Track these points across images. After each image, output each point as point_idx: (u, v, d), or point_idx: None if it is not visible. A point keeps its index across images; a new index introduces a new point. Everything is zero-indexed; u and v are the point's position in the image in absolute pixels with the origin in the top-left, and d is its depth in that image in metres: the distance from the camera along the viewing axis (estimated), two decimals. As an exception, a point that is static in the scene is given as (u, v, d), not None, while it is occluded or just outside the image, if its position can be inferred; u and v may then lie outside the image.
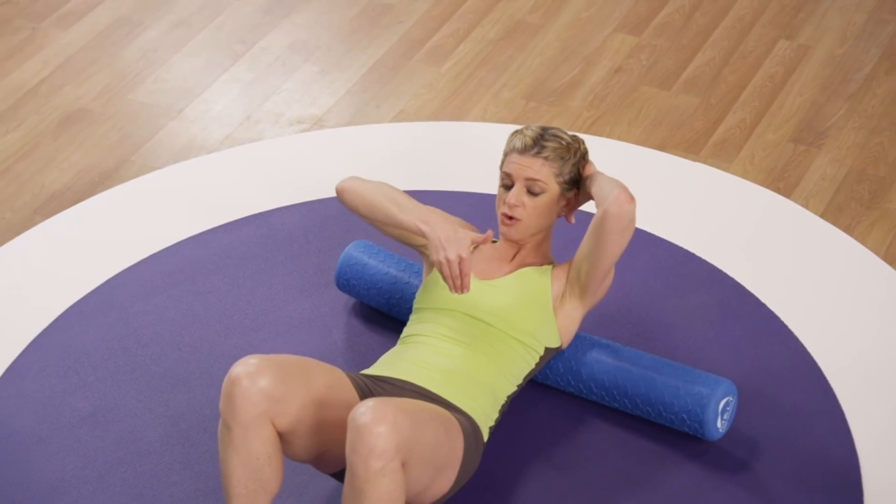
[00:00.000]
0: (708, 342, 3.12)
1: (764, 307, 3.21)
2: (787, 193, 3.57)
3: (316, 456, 2.65)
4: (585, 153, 2.90)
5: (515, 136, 2.90)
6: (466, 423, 2.71)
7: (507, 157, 2.90)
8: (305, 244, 3.42)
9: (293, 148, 3.73)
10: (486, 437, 2.78)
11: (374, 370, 2.81)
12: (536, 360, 2.88)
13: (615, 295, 3.24)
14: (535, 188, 2.86)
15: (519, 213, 2.86)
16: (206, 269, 3.36)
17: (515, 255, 2.94)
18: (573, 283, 2.89)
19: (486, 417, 2.78)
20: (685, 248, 3.38)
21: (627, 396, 2.91)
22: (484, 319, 2.84)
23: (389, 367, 2.80)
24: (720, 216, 3.47)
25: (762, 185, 3.59)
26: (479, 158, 3.65)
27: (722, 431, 2.89)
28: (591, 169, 2.90)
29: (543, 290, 2.88)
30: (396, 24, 4.20)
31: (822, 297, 3.25)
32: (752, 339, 3.13)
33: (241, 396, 2.52)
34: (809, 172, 3.64)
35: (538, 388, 3.04)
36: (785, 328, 3.16)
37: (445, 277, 2.75)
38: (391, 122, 3.84)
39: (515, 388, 2.86)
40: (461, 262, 2.74)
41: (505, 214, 2.88)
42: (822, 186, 3.59)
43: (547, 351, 2.89)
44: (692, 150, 3.72)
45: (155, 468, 2.89)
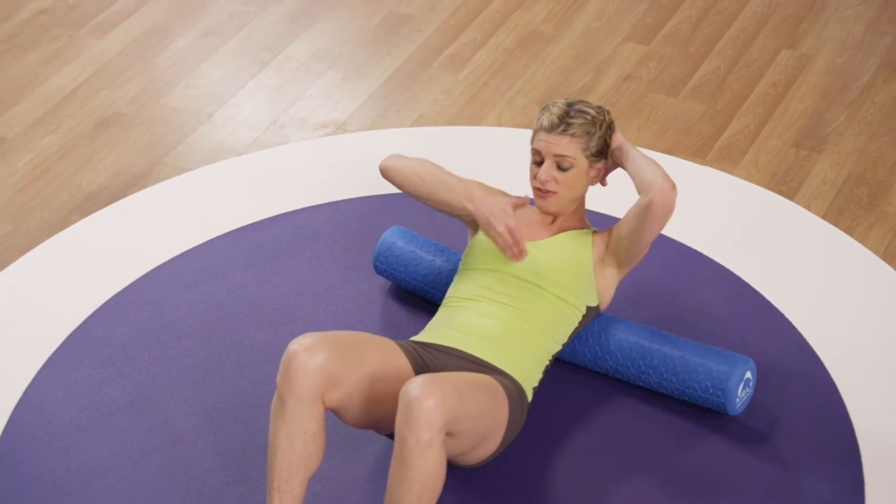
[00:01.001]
0: (716, 336, 3.13)
1: (768, 303, 3.22)
2: (789, 196, 3.58)
3: (373, 424, 2.71)
4: (611, 124, 2.92)
5: (543, 113, 2.91)
6: (512, 386, 2.74)
7: (535, 134, 2.92)
8: (331, 242, 3.43)
9: (318, 151, 3.74)
10: (530, 397, 2.82)
11: (423, 336, 2.84)
12: (579, 318, 2.90)
13: (628, 291, 3.25)
14: (563, 164, 2.89)
15: (551, 186, 2.90)
16: (236, 265, 3.38)
17: (554, 220, 2.97)
18: (612, 253, 2.92)
19: (530, 379, 2.81)
20: (694, 247, 3.39)
21: (654, 369, 2.92)
22: (528, 279, 2.86)
23: (438, 333, 2.83)
24: (727, 217, 3.48)
25: (766, 187, 3.60)
26: (494, 161, 3.67)
27: (739, 407, 2.91)
28: (618, 139, 2.92)
29: (584, 252, 2.92)
30: (415, 33, 4.21)
31: (823, 293, 3.26)
32: (757, 333, 3.14)
33: (298, 371, 2.55)
34: (811, 176, 3.65)
35: (568, 368, 3.06)
36: (788, 323, 3.17)
37: (503, 248, 2.80)
38: (411, 126, 3.85)
39: (560, 346, 2.88)
40: (511, 231, 2.78)
41: (538, 189, 2.91)
42: (823, 190, 3.60)
43: (588, 310, 2.92)
44: (699, 154, 3.73)
45: (188, 455, 2.91)
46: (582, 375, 3.05)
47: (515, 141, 3.74)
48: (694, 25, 4.20)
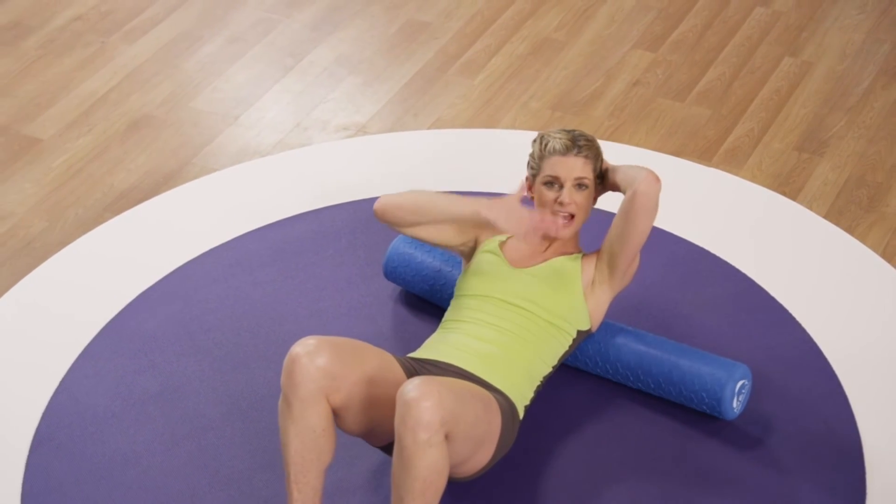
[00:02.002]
0: (721, 331, 3.13)
1: (772, 299, 3.22)
2: (792, 197, 3.58)
3: (367, 430, 2.68)
4: (600, 148, 2.95)
5: (548, 140, 2.89)
6: (504, 402, 2.72)
7: (546, 160, 2.89)
8: (353, 240, 3.44)
9: (339, 152, 3.75)
10: (521, 414, 2.79)
11: (419, 353, 2.83)
12: (569, 342, 2.89)
13: (636, 287, 3.25)
14: (583, 184, 2.89)
15: (573, 209, 2.88)
16: (262, 261, 3.38)
17: (549, 246, 2.96)
18: (602, 268, 2.90)
19: (522, 397, 2.79)
20: (700, 245, 3.39)
21: (651, 377, 2.93)
22: (520, 305, 2.85)
23: (433, 350, 2.81)
24: (731, 216, 3.48)
25: (769, 189, 3.60)
26: (509, 163, 3.67)
27: (737, 411, 2.90)
28: (607, 163, 2.93)
29: (574, 276, 2.89)
30: (433, 40, 4.21)
31: (825, 290, 3.26)
32: (761, 328, 3.14)
33: (300, 373, 2.55)
34: (812, 178, 3.65)
35: (570, 371, 3.06)
36: (792, 318, 3.17)
37: (545, 234, 2.81)
38: (428, 129, 3.86)
39: (550, 368, 2.87)
40: (537, 226, 2.75)
41: (560, 214, 2.88)
42: (824, 191, 3.60)
43: (579, 333, 2.90)
44: (705, 156, 3.73)
45: (217, 442, 2.92)
46: (582, 379, 3.04)
47: (529, 143, 3.74)
48: (700, 34, 4.20)
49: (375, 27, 4.26)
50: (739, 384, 2.87)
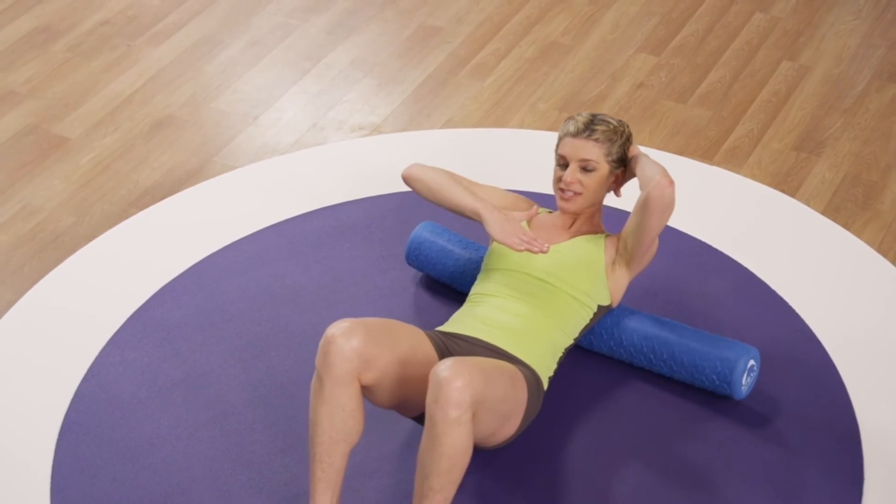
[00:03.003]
0: (724, 322, 3.13)
1: (772, 291, 3.22)
2: (790, 195, 3.57)
3: (398, 404, 2.70)
4: (630, 136, 2.93)
5: (569, 121, 2.92)
6: (529, 374, 2.74)
7: (561, 140, 2.93)
8: (368, 234, 3.44)
9: (355, 150, 3.74)
10: (545, 385, 2.81)
11: (447, 327, 2.84)
12: (591, 315, 2.90)
13: (643, 281, 3.25)
14: (588, 167, 2.89)
15: (576, 188, 2.89)
16: (281, 254, 3.38)
17: (572, 224, 2.97)
18: (621, 252, 2.91)
19: (546, 368, 2.81)
20: (703, 240, 3.39)
21: (664, 359, 2.92)
22: (544, 279, 2.86)
23: (462, 324, 2.83)
24: (733, 213, 3.47)
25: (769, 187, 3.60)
26: (517, 161, 3.67)
27: (745, 391, 2.90)
28: (635, 150, 2.92)
29: (597, 255, 2.91)
30: (444, 44, 4.21)
31: (823, 283, 3.25)
32: (762, 319, 3.14)
33: (335, 353, 2.55)
34: (810, 177, 3.64)
35: (584, 353, 3.06)
36: (791, 310, 3.16)
37: (528, 249, 2.78)
38: (441, 128, 3.86)
39: (572, 340, 2.88)
40: (525, 241, 2.76)
41: (562, 190, 2.91)
42: (821, 189, 3.60)
43: (599, 308, 2.91)
44: (706, 156, 3.73)
45: (238, 427, 2.92)
46: (597, 360, 3.05)
47: (537, 142, 3.74)
48: (701, 38, 4.20)
49: (389, 32, 4.26)
50: (749, 364, 2.88)
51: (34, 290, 3.29)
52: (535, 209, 2.84)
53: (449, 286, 3.24)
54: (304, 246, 3.40)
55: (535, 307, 2.84)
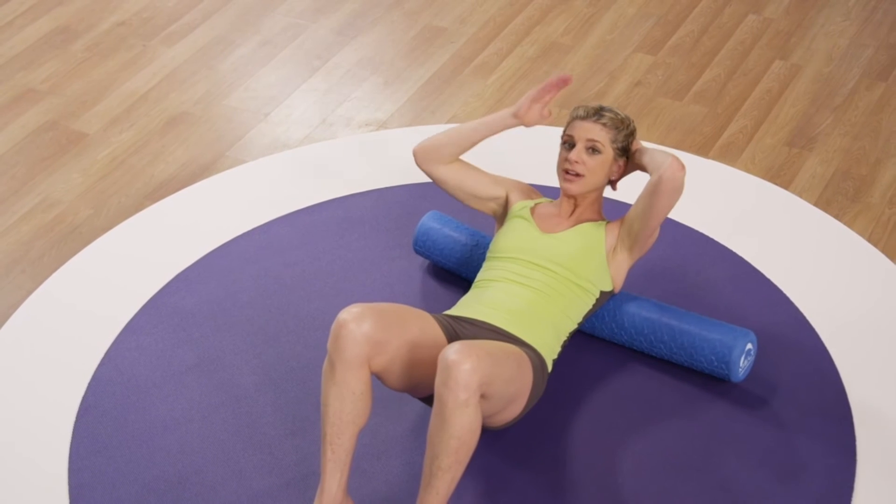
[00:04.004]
0: (721, 309, 3.11)
1: (767, 280, 3.20)
2: (783, 188, 3.56)
3: (408, 387, 2.68)
4: (635, 131, 2.92)
5: (579, 108, 2.93)
6: (534, 356, 2.72)
7: (570, 123, 2.92)
8: (376, 224, 3.42)
9: (362, 145, 3.73)
10: (549, 367, 2.80)
11: (455, 311, 2.82)
12: (593, 301, 2.88)
13: (643, 269, 3.24)
14: (594, 147, 2.88)
15: (580, 168, 2.87)
16: (291, 244, 3.37)
17: (573, 212, 2.95)
18: (624, 237, 2.89)
19: (550, 351, 2.79)
20: (700, 230, 3.37)
21: (664, 341, 2.91)
22: (547, 266, 2.85)
23: (469, 308, 2.81)
24: (729, 204, 3.46)
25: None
26: (519, 154, 3.65)
27: (743, 374, 2.88)
28: (638, 145, 2.91)
29: (598, 242, 2.89)
30: (449, 43, 4.20)
31: (816, 271, 3.23)
32: (757, 306, 3.12)
33: (346, 338, 2.53)
34: (802, 171, 3.62)
35: (587, 338, 3.04)
36: (785, 297, 3.15)
37: (550, 88, 2.88)
38: (445, 124, 3.84)
39: (575, 325, 2.86)
40: (542, 87, 2.87)
41: (567, 170, 2.89)
42: (812, 183, 3.58)
43: (602, 294, 2.89)
44: (701, 152, 3.71)
45: (250, 411, 2.90)
46: (599, 344, 3.03)
47: (538, 137, 3.72)
48: (696, 38, 4.18)
49: (395, 32, 4.25)
50: (747, 347, 2.86)
51: (53, 278, 3.28)
52: (567, 75, 2.90)
53: (455, 274, 3.23)
54: (313, 236, 3.38)
55: (539, 292, 2.82)
